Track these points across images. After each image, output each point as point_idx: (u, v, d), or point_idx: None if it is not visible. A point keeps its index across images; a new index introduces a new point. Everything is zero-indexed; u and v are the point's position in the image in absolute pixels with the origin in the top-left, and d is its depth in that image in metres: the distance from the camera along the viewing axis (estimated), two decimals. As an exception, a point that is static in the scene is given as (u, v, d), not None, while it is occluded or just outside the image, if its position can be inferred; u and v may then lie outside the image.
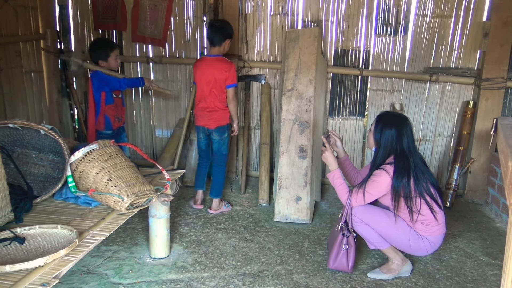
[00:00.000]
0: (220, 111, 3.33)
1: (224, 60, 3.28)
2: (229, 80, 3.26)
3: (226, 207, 3.56)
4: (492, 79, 3.65)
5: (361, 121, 4.10)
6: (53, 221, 2.08)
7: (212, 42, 3.26)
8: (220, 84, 3.26)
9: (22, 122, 2.29)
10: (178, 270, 2.62)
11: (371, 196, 2.48)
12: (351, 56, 3.97)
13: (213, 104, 3.30)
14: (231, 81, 3.27)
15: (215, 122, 3.34)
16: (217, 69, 3.23)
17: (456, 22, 3.74)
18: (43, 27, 3.91)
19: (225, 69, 3.23)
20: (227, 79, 3.24)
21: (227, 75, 3.23)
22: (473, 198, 3.91)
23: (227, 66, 3.24)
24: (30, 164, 2.48)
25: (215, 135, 3.38)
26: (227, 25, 3.31)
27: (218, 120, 3.34)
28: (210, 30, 3.27)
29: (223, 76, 3.23)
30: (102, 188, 2.15)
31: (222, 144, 3.42)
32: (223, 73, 3.23)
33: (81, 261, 2.64)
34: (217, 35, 3.24)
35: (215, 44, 3.26)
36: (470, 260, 2.89)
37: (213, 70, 3.24)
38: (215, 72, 3.23)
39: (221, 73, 3.23)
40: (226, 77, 3.23)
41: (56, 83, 4.13)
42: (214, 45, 3.27)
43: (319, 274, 2.64)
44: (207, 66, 3.27)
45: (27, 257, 1.71)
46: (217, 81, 3.25)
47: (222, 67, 3.24)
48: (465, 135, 3.82)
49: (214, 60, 3.27)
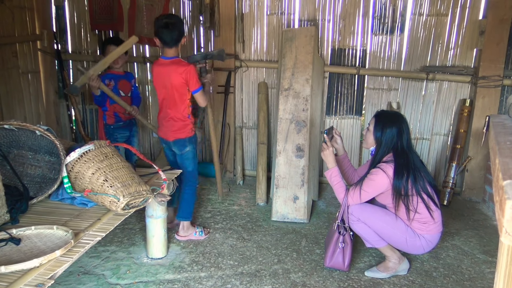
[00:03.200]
0: (178, 122, 2.90)
1: (179, 62, 2.84)
2: (191, 85, 2.83)
3: (198, 235, 3.05)
4: (488, 77, 3.66)
5: (358, 120, 4.10)
6: (49, 222, 2.08)
7: (168, 42, 2.81)
8: (179, 90, 2.83)
9: (18, 123, 2.28)
10: (175, 270, 2.62)
11: (368, 194, 2.48)
12: (347, 55, 3.97)
13: (170, 114, 2.90)
14: (194, 85, 2.83)
15: (173, 135, 2.93)
16: (173, 73, 2.80)
17: (452, 21, 3.75)
18: (40, 28, 3.91)
19: (180, 72, 2.79)
20: (189, 84, 2.83)
21: (185, 79, 2.80)
22: (470, 196, 3.91)
23: (183, 69, 2.79)
24: (26, 165, 2.47)
25: (175, 149, 2.98)
26: (181, 22, 2.89)
27: (175, 132, 2.92)
28: (165, 29, 2.78)
29: (179, 81, 2.80)
30: (98, 188, 2.15)
31: (185, 159, 2.97)
32: (179, 78, 2.80)
33: (79, 262, 2.64)
34: (174, 34, 2.80)
35: (172, 44, 2.81)
36: (467, 258, 2.90)
37: (169, 74, 2.82)
38: (171, 76, 2.81)
39: (177, 78, 2.80)
40: (184, 82, 2.81)
41: (53, 84, 4.14)
42: (170, 45, 2.82)
43: (317, 273, 2.64)
44: (163, 69, 2.85)
45: (22, 258, 1.70)
46: (174, 87, 2.82)
47: (177, 71, 2.79)
48: (462, 133, 3.83)
49: (170, 62, 2.83)
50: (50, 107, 4.11)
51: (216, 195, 3.84)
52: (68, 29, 4.27)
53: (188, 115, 2.94)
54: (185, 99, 2.88)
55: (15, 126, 2.29)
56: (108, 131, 3.43)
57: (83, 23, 4.27)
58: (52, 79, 4.13)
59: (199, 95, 2.88)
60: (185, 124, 2.92)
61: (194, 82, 2.83)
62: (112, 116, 3.40)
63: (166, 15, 3.07)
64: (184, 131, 2.93)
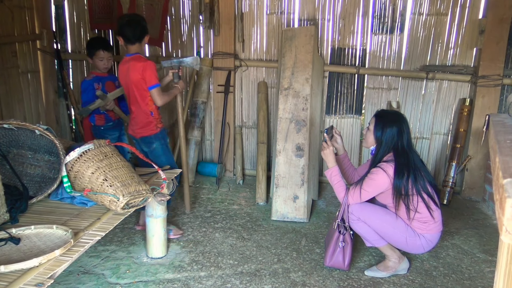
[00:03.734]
0: (141, 119, 2.92)
1: (138, 58, 2.84)
2: (147, 81, 2.81)
3: (171, 233, 2.98)
4: (488, 77, 3.66)
5: (358, 119, 4.10)
6: (48, 221, 2.08)
7: (130, 39, 2.84)
8: (138, 87, 2.83)
9: (17, 122, 2.28)
10: (175, 270, 2.62)
11: (368, 193, 2.48)
12: (347, 54, 3.97)
13: (133, 111, 2.93)
14: (150, 81, 2.80)
15: (138, 132, 2.95)
16: (131, 69, 2.81)
17: (452, 20, 3.74)
18: (39, 27, 3.91)
19: (137, 68, 2.78)
20: (145, 80, 2.80)
21: (141, 75, 2.79)
22: (470, 195, 3.91)
23: (140, 66, 2.78)
24: (26, 164, 2.47)
25: (143, 146, 3.00)
26: (143, 20, 2.92)
27: (140, 129, 2.94)
28: (127, 25, 2.82)
29: (136, 77, 2.79)
30: (97, 188, 2.15)
31: (156, 156, 2.96)
32: (136, 74, 2.79)
33: (78, 261, 2.64)
34: (137, 30, 2.83)
35: (133, 41, 2.84)
36: (467, 257, 2.90)
37: (128, 71, 2.83)
38: (129, 73, 2.82)
39: (134, 74, 2.80)
40: (142, 78, 2.80)
41: (52, 84, 4.13)
42: (132, 42, 2.84)
43: (316, 272, 2.64)
44: (124, 67, 2.87)
45: (22, 258, 1.71)
46: (133, 83, 2.83)
47: (135, 67, 2.79)
48: (462, 133, 3.82)
49: (130, 59, 2.85)
50: (49, 107, 4.11)
51: (216, 194, 3.84)
52: (68, 29, 4.27)
53: (151, 112, 2.92)
54: (146, 95, 2.86)
55: (15, 126, 2.29)
56: (97, 133, 3.40)
57: (83, 22, 4.27)
58: (51, 79, 4.12)
59: (155, 92, 2.83)
60: (149, 121, 2.92)
61: (150, 78, 2.80)
62: (102, 118, 3.37)
63: (128, 14, 3.16)
64: (148, 129, 2.93)
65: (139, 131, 2.95)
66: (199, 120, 4.12)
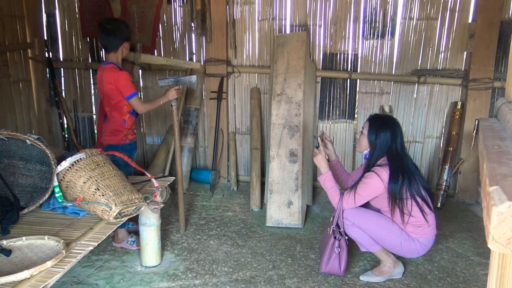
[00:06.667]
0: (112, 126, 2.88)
1: (111, 69, 2.79)
2: (123, 92, 2.78)
3: (129, 244, 2.89)
4: (479, 80, 3.69)
5: (351, 124, 4.11)
6: (40, 232, 2.06)
7: (104, 47, 2.83)
8: (111, 97, 2.80)
9: (8, 132, 2.27)
10: (169, 278, 2.60)
11: (362, 198, 2.48)
12: (339, 59, 3.99)
13: (107, 117, 2.90)
14: (126, 92, 2.77)
15: (106, 139, 2.92)
16: (104, 80, 2.78)
17: (442, 24, 3.78)
18: (31, 36, 3.89)
19: (109, 80, 2.75)
20: (122, 91, 2.78)
21: (115, 87, 2.76)
22: (464, 198, 3.93)
23: (112, 77, 2.74)
24: (17, 174, 2.45)
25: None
26: (123, 26, 2.85)
27: (108, 136, 2.91)
28: (103, 33, 2.78)
29: (109, 87, 2.76)
30: (89, 197, 2.13)
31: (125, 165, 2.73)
32: (109, 85, 2.76)
33: (72, 272, 2.62)
34: (111, 38, 2.78)
35: (108, 49, 2.81)
36: (462, 260, 2.91)
37: (101, 81, 2.80)
38: (103, 83, 2.79)
39: (107, 85, 2.76)
40: (115, 89, 2.77)
41: (44, 92, 4.11)
42: (107, 51, 2.81)
43: (312, 278, 2.63)
44: (99, 75, 2.84)
45: (13, 270, 1.69)
46: (106, 94, 2.80)
47: (107, 79, 2.76)
48: (454, 136, 3.85)
49: (105, 68, 2.81)
50: (42, 116, 4.09)
51: (211, 201, 3.82)
52: (59, 37, 4.25)
53: (124, 121, 2.88)
54: (121, 105, 2.84)
55: (5, 136, 2.28)
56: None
57: (74, 30, 4.25)
58: (43, 88, 4.10)
59: (134, 102, 2.81)
60: (119, 130, 2.89)
61: (125, 89, 2.77)
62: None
63: (107, 19, 3.05)
64: (116, 138, 2.89)
65: (108, 138, 2.91)
66: (192, 127, 4.11)
